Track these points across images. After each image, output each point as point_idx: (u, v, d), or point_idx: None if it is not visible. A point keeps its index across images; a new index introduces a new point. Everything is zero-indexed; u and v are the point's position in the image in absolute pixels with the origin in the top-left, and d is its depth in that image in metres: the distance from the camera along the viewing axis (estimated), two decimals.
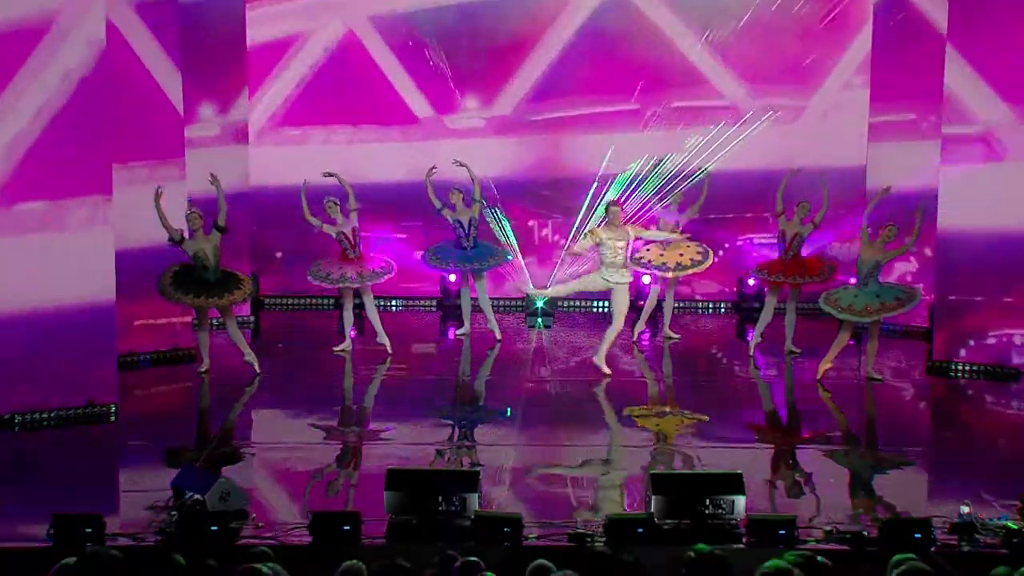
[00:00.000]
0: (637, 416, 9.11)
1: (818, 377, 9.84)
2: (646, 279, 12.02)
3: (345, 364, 10.80)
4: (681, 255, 11.28)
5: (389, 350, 10.96)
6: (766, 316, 11.09)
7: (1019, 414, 9.53)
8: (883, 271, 9.87)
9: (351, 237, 10.89)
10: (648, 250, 11.37)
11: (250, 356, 10.12)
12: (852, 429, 9.17)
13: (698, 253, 11.42)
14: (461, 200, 11.36)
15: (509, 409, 9.20)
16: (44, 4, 8.35)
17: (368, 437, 8.76)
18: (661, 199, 12.29)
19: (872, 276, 9.65)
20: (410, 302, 13.46)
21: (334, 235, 10.92)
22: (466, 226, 11.37)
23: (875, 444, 8.62)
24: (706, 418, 8.87)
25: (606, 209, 10.16)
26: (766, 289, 11.32)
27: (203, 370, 10.20)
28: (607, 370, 9.99)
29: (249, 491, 6.65)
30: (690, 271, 11.44)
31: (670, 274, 11.41)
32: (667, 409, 9.38)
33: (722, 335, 12.76)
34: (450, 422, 9.14)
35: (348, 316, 11.27)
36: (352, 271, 10.89)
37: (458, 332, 12.03)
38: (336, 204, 10.88)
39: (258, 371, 10.06)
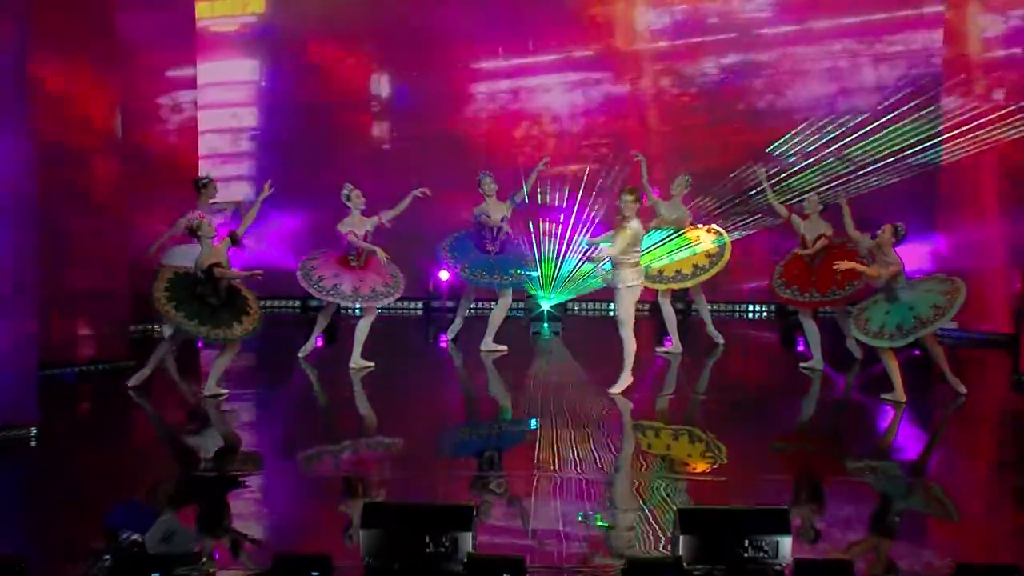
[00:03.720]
0: (645, 433, 8.24)
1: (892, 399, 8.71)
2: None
3: (310, 373, 9.90)
4: (694, 253, 10.31)
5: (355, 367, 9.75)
6: (813, 335, 9.84)
7: None
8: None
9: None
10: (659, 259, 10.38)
11: (211, 391, 8.72)
12: (920, 456, 8.05)
13: (713, 245, 10.45)
14: (494, 190, 10.27)
15: (535, 421, 8.27)
16: None
17: (347, 462, 7.73)
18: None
19: (896, 283, 8.47)
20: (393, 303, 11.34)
21: (343, 232, 9.58)
22: (495, 227, 10.32)
23: (948, 475, 7.52)
24: (724, 450, 7.77)
25: (621, 198, 8.57)
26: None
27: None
28: (621, 393, 8.78)
29: (198, 528, 5.96)
30: (712, 271, 10.46)
31: (690, 282, 10.48)
32: (690, 429, 8.43)
33: (764, 344, 11.77)
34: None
35: (323, 322, 10.24)
36: (349, 284, 9.63)
37: (450, 330, 11.11)
38: (359, 195, 9.60)
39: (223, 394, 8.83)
